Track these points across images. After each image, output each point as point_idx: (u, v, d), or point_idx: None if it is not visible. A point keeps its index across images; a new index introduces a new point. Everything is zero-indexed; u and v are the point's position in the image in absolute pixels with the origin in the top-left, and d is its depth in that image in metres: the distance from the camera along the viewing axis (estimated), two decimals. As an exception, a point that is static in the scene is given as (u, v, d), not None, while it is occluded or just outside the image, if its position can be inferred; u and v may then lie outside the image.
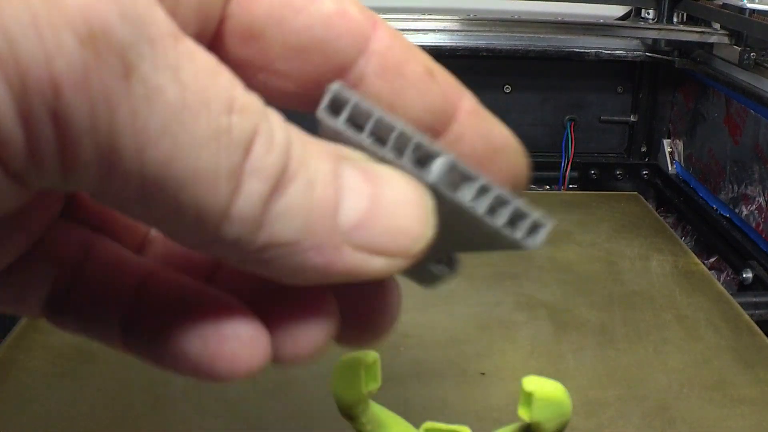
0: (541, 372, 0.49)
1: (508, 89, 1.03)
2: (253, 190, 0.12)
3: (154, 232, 0.18)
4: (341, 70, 0.16)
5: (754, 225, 0.79)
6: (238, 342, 0.15)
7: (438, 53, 0.95)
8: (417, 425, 0.44)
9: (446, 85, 0.17)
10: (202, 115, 0.12)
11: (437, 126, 0.17)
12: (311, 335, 0.16)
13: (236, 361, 0.15)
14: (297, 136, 0.13)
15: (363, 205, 0.14)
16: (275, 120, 0.13)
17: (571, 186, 1.05)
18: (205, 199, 0.12)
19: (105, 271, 0.17)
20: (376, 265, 0.14)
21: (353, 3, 0.16)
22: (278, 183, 0.13)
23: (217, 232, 0.13)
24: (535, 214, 0.15)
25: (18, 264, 0.16)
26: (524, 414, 0.30)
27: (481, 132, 0.18)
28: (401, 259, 0.14)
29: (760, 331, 0.54)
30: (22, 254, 0.16)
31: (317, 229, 0.13)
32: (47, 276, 0.16)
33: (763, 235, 0.78)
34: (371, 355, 0.33)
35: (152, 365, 0.16)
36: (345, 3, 0.15)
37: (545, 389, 0.30)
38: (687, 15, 0.91)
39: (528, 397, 0.30)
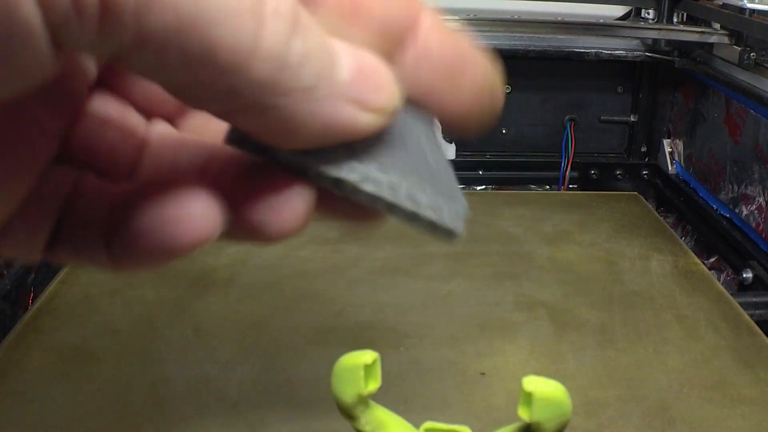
0: (541, 372, 0.49)
1: (508, 89, 1.03)
2: (276, 27, 0.14)
3: (145, 160, 0.19)
4: None
5: (754, 225, 0.79)
6: (184, 210, 0.17)
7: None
8: (417, 425, 0.44)
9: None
10: None
11: (399, 37, 0.18)
12: (288, 204, 0.17)
13: (185, 226, 0.17)
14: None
15: (353, 64, 0.15)
16: None
17: (571, 186, 1.05)
18: (235, 35, 0.13)
19: (91, 200, 0.18)
20: (365, 119, 0.16)
21: None
22: (296, 26, 0.14)
23: (249, 74, 0.14)
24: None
25: (24, 208, 0.17)
26: (524, 414, 0.30)
27: (448, 44, 0.18)
28: (384, 115, 0.16)
29: (760, 331, 0.54)
30: (26, 197, 0.17)
31: (326, 78, 0.15)
32: (50, 216, 0.18)
33: (763, 235, 0.78)
34: (371, 355, 0.33)
35: (135, 269, 0.18)
36: None
37: (545, 389, 0.29)
38: (687, 15, 0.91)
39: (528, 397, 0.30)
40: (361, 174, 0.17)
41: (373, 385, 0.33)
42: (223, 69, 0.14)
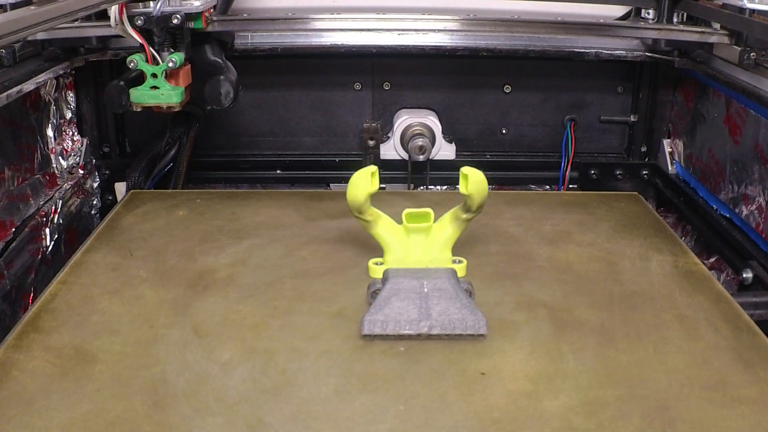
0: (541, 372, 0.49)
1: (508, 89, 1.03)
2: None
3: None
4: None
5: (754, 225, 0.79)
6: None
7: (438, 53, 0.95)
8: (417, 425, 0.45)
9: None
10: None
11: None
12: None
13: None
14: None
15: None
16: None
17: (571, 186, 1.05)
18: None
19: None
20: None
21: None
22: None
23: None
24: None
25: None
26: (463, 189, 0.55)
27: None
28: None
29: (760, 331, 0.54)
30: None
31: None
32: None
33: (763, 235, 0.78)
34: (373, 168, 0.55)
35: None
36: None
37: (476, 174, 0.55)
38: (687, 15, 0.91)
39: (465, 179, 0.55)
40: None
41: (374, 188, 0.55)
42: None
